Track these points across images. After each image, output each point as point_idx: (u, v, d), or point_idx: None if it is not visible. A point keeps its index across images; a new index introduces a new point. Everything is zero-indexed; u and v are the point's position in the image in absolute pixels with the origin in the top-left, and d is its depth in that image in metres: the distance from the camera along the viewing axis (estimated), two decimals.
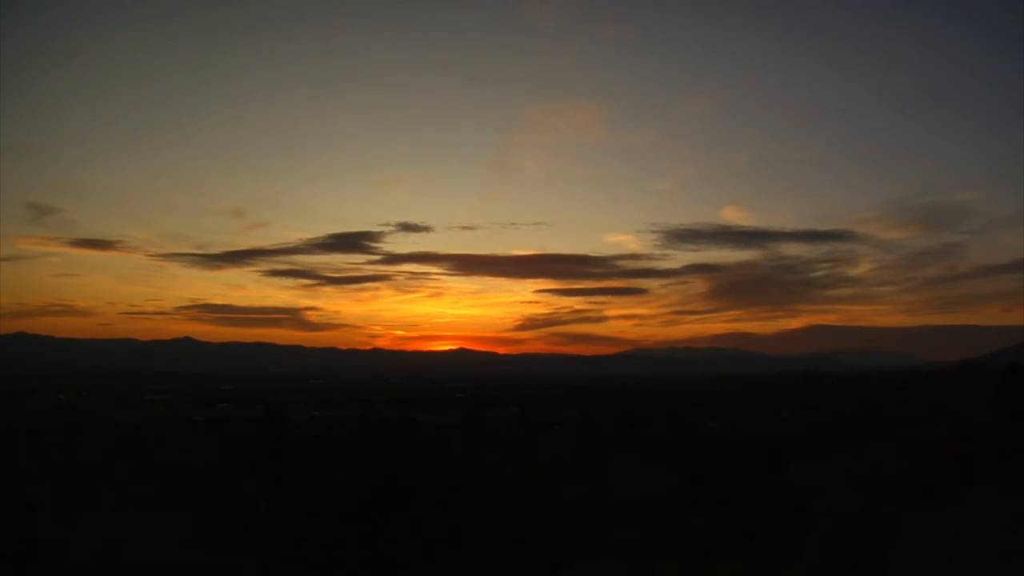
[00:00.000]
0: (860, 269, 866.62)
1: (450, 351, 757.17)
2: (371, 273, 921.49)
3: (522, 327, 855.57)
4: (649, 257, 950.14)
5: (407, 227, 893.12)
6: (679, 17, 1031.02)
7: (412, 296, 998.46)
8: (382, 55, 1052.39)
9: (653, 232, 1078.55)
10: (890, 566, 21.97)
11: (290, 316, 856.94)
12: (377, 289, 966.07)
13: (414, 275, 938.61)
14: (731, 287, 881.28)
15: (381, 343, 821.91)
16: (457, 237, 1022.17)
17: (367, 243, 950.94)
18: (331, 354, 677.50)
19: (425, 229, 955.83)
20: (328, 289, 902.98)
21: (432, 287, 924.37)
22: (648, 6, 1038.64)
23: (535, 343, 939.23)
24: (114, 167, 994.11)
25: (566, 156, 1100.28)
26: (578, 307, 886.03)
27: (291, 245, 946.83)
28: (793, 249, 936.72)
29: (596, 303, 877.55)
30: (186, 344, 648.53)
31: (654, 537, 30.77)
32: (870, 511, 31.25)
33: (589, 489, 39.52)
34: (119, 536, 31.74)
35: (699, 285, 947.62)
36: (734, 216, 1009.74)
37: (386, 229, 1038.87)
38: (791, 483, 42.14)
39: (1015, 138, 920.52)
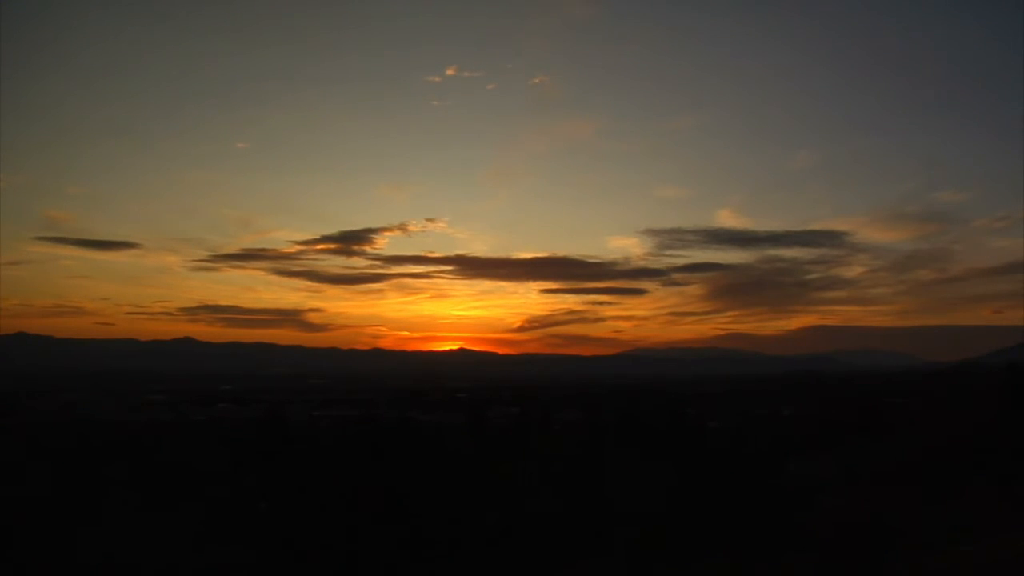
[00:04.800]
0: (854, 271, 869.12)
1: (451, 351, 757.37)
2: (375, 275, 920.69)
3: (523, 328, 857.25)
4: (648, 260, 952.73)
5: (411, 230, 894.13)
6: (675, 29, 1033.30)
7: (415, 297, 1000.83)
8: (388, 59, 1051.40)
9: (653, 235, 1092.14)
10: (890, 565, 22.00)
11: (294, 317, 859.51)
12: (381, 291, 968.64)
13: (417, 277, 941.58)
14: (729, 289, 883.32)
15: (383, 343, 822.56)
16: (460, 239, 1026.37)
17: (371, 245, 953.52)
18: (332, 354, 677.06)
19: (429, 232, 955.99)
20: (332, 291, 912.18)
21: (435, 289, 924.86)
22: (645, 21, 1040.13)
23: (536, 344, 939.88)
24: (124, 171, 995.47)
25: (568, 162, 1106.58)
26: (578, 308, 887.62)
27: (297, 247, 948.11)
28: (788, 252, 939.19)
29: (596, 304, 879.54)
30: (187, 344, 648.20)
31: (654, 537, 30.80)
32: (870, 510, 31.30)
33: (589, 489, 39.56)
34: (120, 535, 31.79)
35: (698, 287, 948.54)
36: (730, 220, 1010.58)
37: (390, 232, 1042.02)
38: (791, 483, 42.17)
39: (1007, 141, 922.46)
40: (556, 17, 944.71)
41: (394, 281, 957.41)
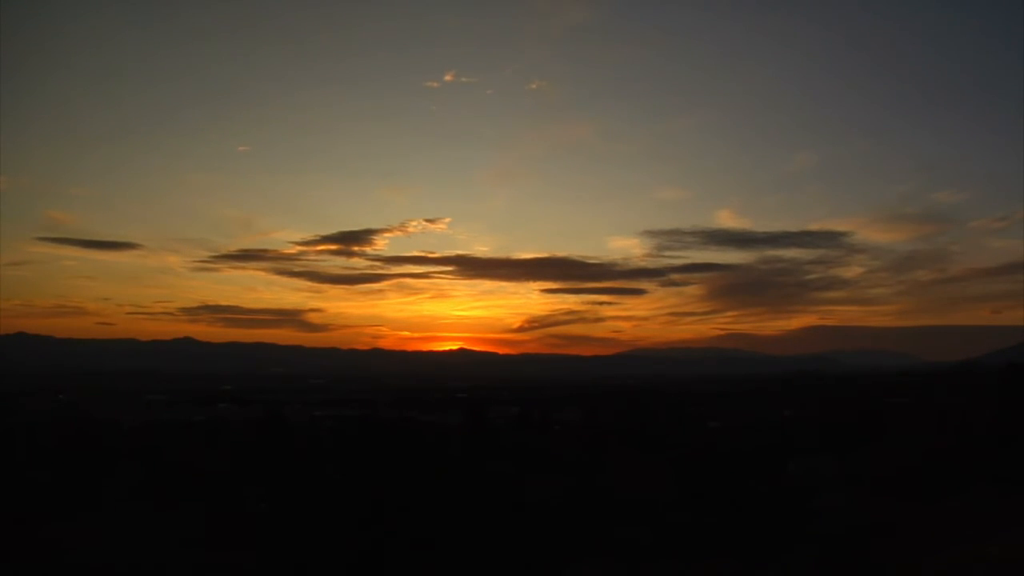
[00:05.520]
0: (853, 272, 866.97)
1: (451, 351, 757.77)
2: (375, 275, 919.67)
3: (523, 328, 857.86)
4: (648, 260, 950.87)
5: (411, 230, 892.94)
6: (674, 31, 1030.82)
7: (415, 297, 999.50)
8: (386, 64, 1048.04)
9: (652, 236, 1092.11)
10: (888, 565, 22.03)
11: (294, 317, 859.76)
12: (381, 291, 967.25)
13: (417, 277, 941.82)
14: (728, 289, 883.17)
15: (383, 343, 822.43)
16: (461, 240, 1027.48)
17: (372, 246, 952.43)
18: (332, 354, 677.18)
19: (429, 233, 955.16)
20: (333, 291, 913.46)
21: (435, 289, 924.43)
22: (643, 23, 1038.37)
23: (536, 344, 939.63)
24: (126, 173, 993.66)
25: (567, 164, 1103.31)
26: (578, 308, 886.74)
27: (297, 247, 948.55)
28: (787, 252, 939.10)
29: (596, 304, 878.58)
30: (187, 344, 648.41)
31: (654, 537, 30.83)
32: (869, 510, 31.33)
33: (589, 488, 39.60)
34: (120, 535, 31.81)
35: (697, 287, 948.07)
36: (729, 221, 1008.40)
37: (390, 233, 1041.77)
38: (791, 482, 42.22)
39: (1006, 141, 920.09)
40: (553, 21, 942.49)
41: (394, 281, 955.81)
